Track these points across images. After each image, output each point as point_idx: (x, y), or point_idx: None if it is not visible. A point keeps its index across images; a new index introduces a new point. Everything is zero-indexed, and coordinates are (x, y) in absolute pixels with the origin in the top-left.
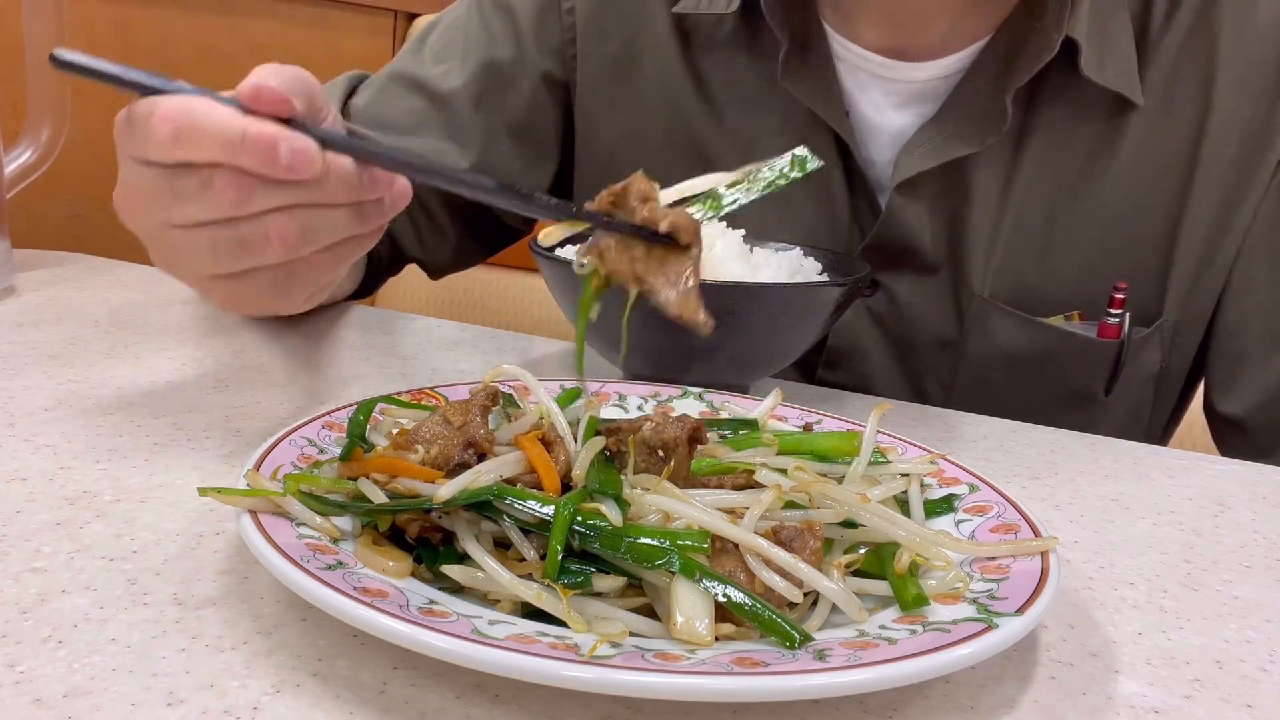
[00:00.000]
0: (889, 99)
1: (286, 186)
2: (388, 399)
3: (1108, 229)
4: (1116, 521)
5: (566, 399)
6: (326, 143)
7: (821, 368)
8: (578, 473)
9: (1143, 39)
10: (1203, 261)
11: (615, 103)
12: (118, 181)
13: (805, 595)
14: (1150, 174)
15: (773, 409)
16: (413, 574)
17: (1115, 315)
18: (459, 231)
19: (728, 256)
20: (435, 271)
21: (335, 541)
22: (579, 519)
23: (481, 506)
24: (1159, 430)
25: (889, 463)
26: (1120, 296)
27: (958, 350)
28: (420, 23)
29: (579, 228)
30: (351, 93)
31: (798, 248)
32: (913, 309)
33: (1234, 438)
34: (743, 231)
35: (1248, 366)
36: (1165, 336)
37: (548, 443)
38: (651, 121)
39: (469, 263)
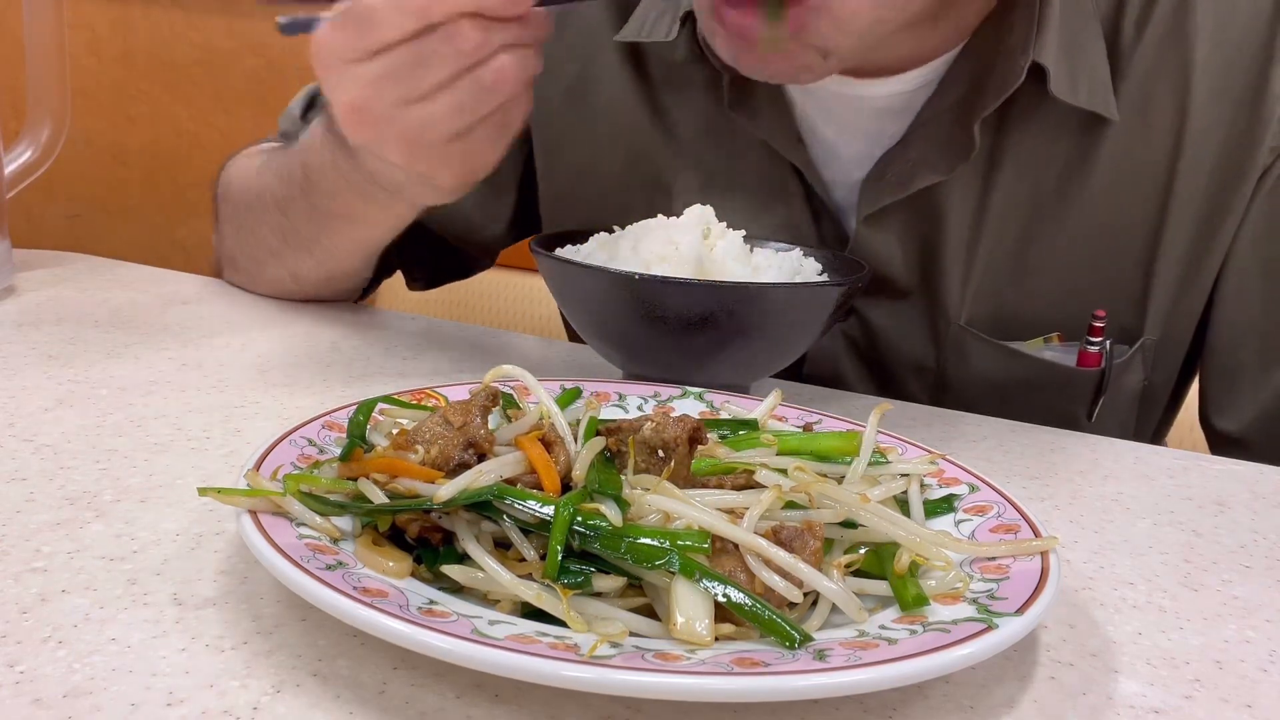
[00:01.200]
0: (847, 118)
1: (508, 26)
2: (387, 399)
3: (1086, 247)
4: (1116, 521)
5: (566, 399)
6: None
7: None
8: (578, 473)
9: (1114, 50)
10: (1185, 277)
11: (572, 136)
12: (341, 96)
13: (805, 595)
14: (1127, 188)
15: (773, 409)
16: (413, 574)
17: (1095, 343)
18: (433, 255)
19: (728, 257)
20: (415, 288)
21: (335, 541)
22: (579, 519)
23: (481, 507)
24: (1147, 440)
25: (889, 463)
26: (1099, 325)
27: (938, 377)
28: None
29: None
30: (310, 104)
31: (797, 248)
32: (888, 334)
33: (1232, 454)
34: (743, 232)
35: (1244, 383)
36: (1148, 355)
37: (548, 443)
38: (609, 153)
39: (449, 280)
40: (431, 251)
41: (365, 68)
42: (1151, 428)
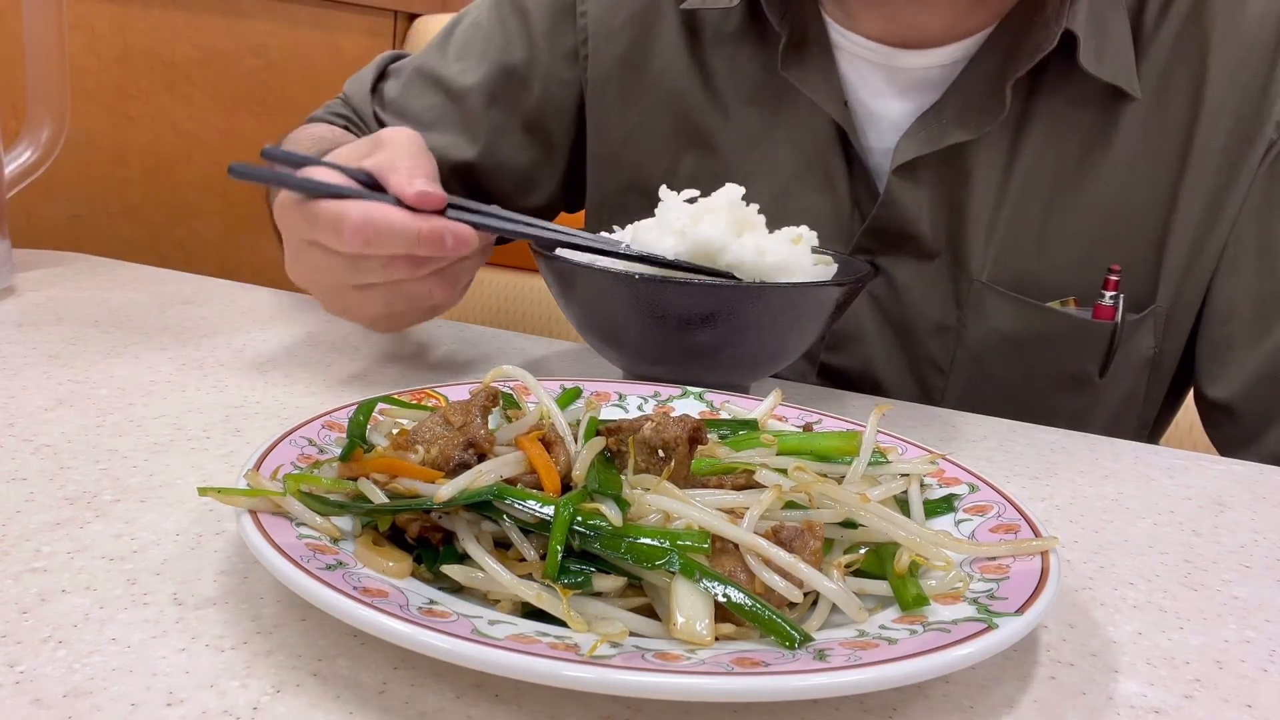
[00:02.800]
0: (889, 87)
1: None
2: (387, 399)
3: (1103, 218)
4: (1116, 521)
5: (566, 399)
6: (471, 222)
7: (824, 351)
8: (578, 473)
9: (1138, 33)
10: (1194, 250)
11: (625, 100)
12: (290, 255)
13: (805, 595)
14: (1144, 165)
15: (773, 409)
16: (413, 574)
17: (1110, 297)
18: None
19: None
20: None
21: (335, 541)
22: (579, 519)
23: (481, 507)
24: (1152, 417)
25: (889, 463)
26: (1114, 279)
27: (956, 334)
28: (432, 21)
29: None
30: (383, 74)
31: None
32: (911, 293)
33: (1222, 423)
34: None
35: (1235, 352)
36: (1159, 322)
37: (548, 443)
38: (659, 116)
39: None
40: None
41: (308, 251)
42: (1158, 403)
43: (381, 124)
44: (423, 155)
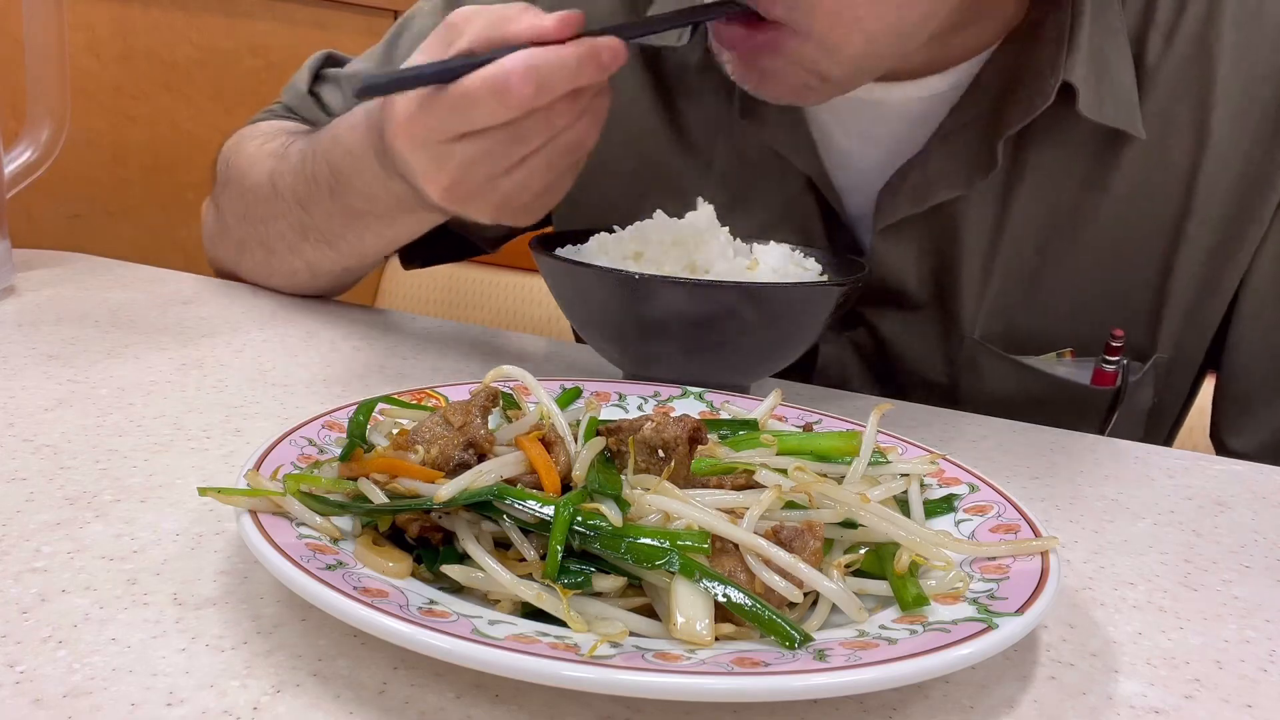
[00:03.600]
0: (864, 125)
1: (591, 87)
2: (387, 399)
3: (1101, 264)
4: (1116, 521)
5: (566, 399)
6: (605, 33)
7: None
8: (578, 473)
9: (1140, 64)
10: (1199, 297)
11: None
12: (436, 174)
13: (805, 595)
14: (1145, 205)
15: (773, 409)
16: (413, 574)
17: (1112, 362)
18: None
19: (727, 255)
20: (408, 264)
21: (335, 541)
22: (579, 519)
23: (482, 507)
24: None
25: (889, 463)
26: (1117, 345)
27: (948, 393)
28: None
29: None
30: (317, 76)
31: (798, 247)
32: (899, 347)
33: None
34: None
35: (1257, 405)
36: (1160, 374)
37: (548, 443)
38: (622, 156)
39: (445, 260)
40: (430, 235)
41: (459, 148)
42: (1159, 443)
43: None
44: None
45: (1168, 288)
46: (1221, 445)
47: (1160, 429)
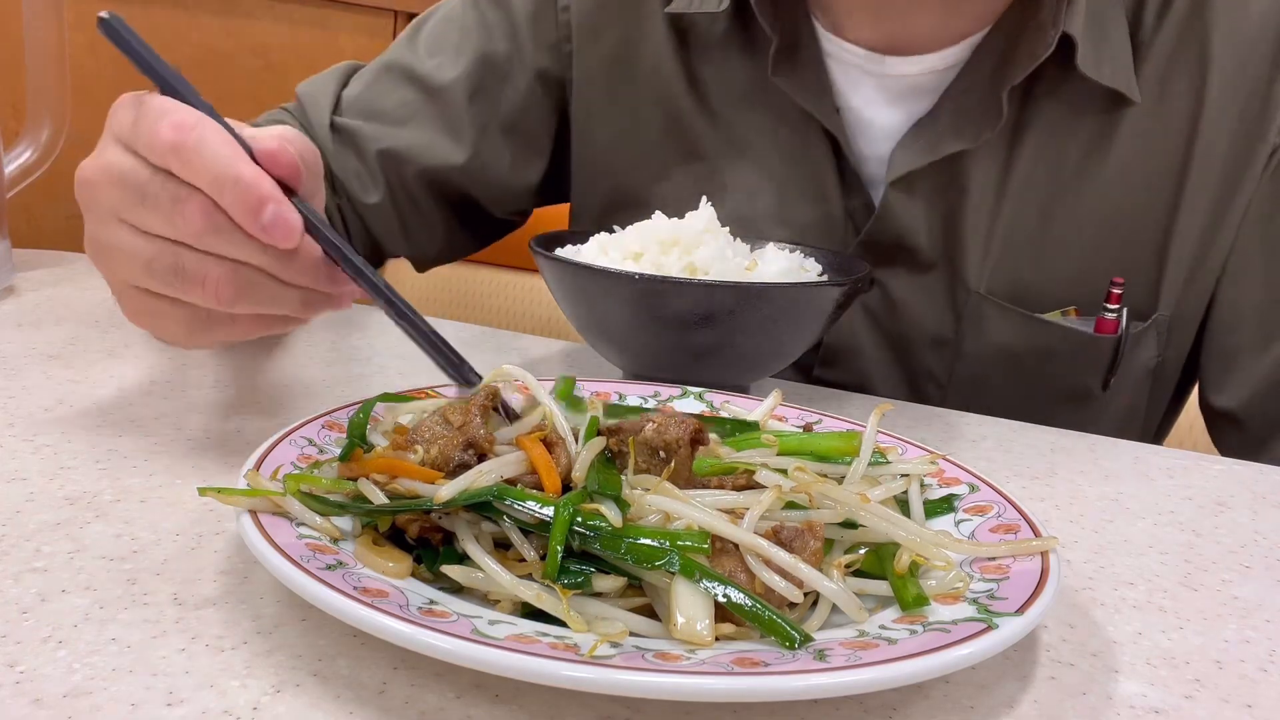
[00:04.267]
0: (880, 94)
1: (251, 243)
2: (387, 397)
3: (1103, 225)
4: (1116, 521)
5: (564, 391)
6: (311, 227)
7: (819, 366)
8: (578, 474)
9: (1136, 34)
10: (1197, 257)
11: (612, 101)
12: (93, 152)
13: (805, 595)
14: (1145, 170)
15: (773, 409)
16: (413, 574)
17: (1112, 310)
18: (447, 223)
19: (725, 256)
20: (422, 264)
21: (335, 541)
22: (579, 519)
23: (482, 507)
24: (1155, 426)
25: (889, 463)
26: (1117, 292)
27: (954, 348)
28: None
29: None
30: (344, 84)
31: (798, 249)
32: (908, 306)
33: (1229, 431)
34: (748, 247)
35: (1241, 360)
36: (1161, 331)
37: (549, 444)
38: (647, 120)
39: (459, 254)
40: (445, 224)
41: (119, 151)
42: (1160, 412)
43: (336, 130)
44: (301, 139)
45: (1168, 247)
46: (1208, 407)
47: (1162, 394)
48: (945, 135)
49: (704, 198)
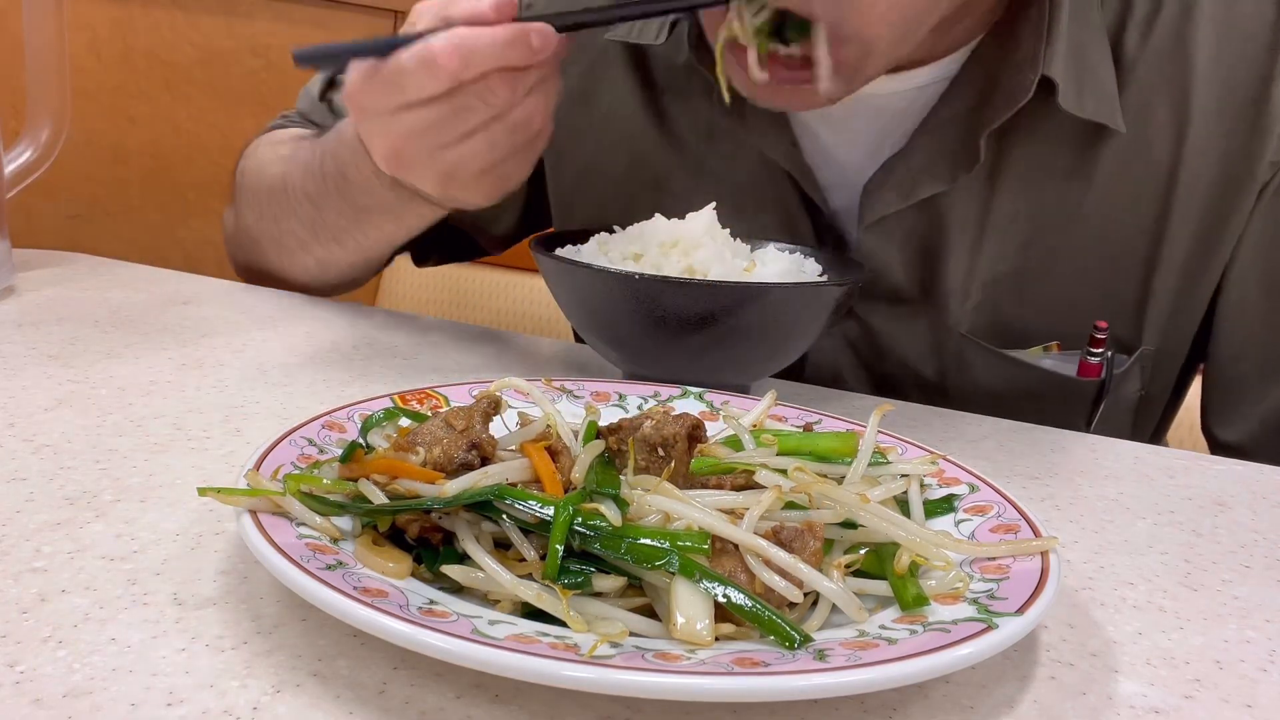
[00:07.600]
0: (846, 120)
1: (532, 69)
2: (389, 411)
3: (1086, 258)
4: (1116, 521)
5: (589, 434)
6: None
7: None
8: (577, 475)
9: (1119, 56)
10: (1182, 289)
11: (577, 136)
12: (379, 142)
13: (805, 595)
14: (1128, 199)
15: (767, 410)
16: (413, 574)
17: (1096, 354)
18: (439, 240)
19: (725, 257)
20: (421, 263)
21: (335, 541)
22: (579, 519)
23: (482, 507)
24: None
25: (889, 463)
26: (1101, 336)
27: (937, 387)
28: None
29: None
30: (331, 83)
31: (797, 249)
32: (889, 339)
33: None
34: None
35: (1245, 396)
36: (1145, 365)
37: (554, 452)
38: (612, 155)
39: (459, 260)
40: (440, 234)
41: (400, 119)
42: (1147, 436)
43: (327, 102)
44: None
45: (1152, 280)
46: (1212, 438)
47: (1148, 422)
48: (919, 176)
49: (705, 208)
